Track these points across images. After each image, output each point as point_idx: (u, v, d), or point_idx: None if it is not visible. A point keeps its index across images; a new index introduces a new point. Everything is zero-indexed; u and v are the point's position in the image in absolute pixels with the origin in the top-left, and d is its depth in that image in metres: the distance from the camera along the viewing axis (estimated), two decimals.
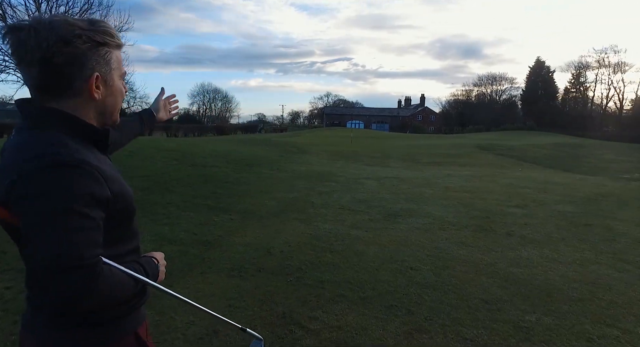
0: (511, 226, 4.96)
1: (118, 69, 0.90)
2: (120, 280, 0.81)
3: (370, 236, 4.40)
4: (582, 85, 46.26)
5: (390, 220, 5.10)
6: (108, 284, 0.77)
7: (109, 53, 0.87)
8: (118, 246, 0.89)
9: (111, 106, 0.91)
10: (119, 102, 0.93)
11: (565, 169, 12.98)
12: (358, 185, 7.70)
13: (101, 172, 0.80)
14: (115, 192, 0.83)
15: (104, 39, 0.85)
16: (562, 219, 5.36)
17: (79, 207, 0.74)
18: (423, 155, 14.80)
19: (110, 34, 0.87)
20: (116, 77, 0.90)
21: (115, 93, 0.91)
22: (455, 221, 5.10)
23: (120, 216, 0.87)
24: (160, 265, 0.99)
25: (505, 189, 7.66)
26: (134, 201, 0.92)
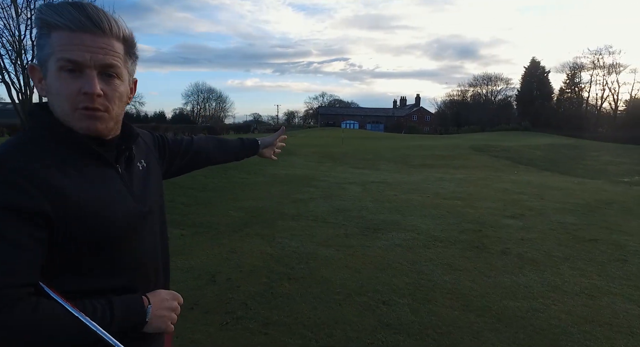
0: (506, 241, 4.33)
1: (54, 56, 0.66)
2: (51, 321, 0.60)
3: (341, 256, 3.74)
4: (577, 86, 45.99)
5: (369, 235, 4.45)
6: (20, 325, 0.57)
7: (44, 36, 0.67)
8: (93, 280, 0.69)
9: (55, 105, 0.68)
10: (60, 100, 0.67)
11: (562, 172, 12.42)
12: (340, 191, 7.05)
13: (32, 178, 0.61)
14: (66, 211, 0.64)
15: (37, 20, 0.68)
16: (563, 232, 4.74)
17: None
18: (415, 157, 14.19)
19: (39, 11, 0.67)
20: (52, 67, 0.67)
21: (50, 88, 0.68)
22: (443, 236, 4.46)
23: (84, 244, 0.67)
24: (156, 308, 0.73)
25: (500, 195, 7.04)
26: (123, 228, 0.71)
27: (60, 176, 0.65)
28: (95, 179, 0.71)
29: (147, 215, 0.79)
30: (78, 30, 0.66)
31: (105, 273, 0.71)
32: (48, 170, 0.64)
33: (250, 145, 1.24)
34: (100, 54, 0.68)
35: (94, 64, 0.67)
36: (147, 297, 0.74)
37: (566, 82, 46.38)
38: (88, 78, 0.67)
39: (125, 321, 0.69)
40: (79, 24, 0.66)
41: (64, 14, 0.66)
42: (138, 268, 0.76)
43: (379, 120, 63.73)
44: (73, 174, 0.68)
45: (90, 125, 0.69)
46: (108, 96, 0.70)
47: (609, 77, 43.05)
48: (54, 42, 0.67)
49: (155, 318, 0.73)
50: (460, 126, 49.80)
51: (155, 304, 0.74)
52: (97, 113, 0.69)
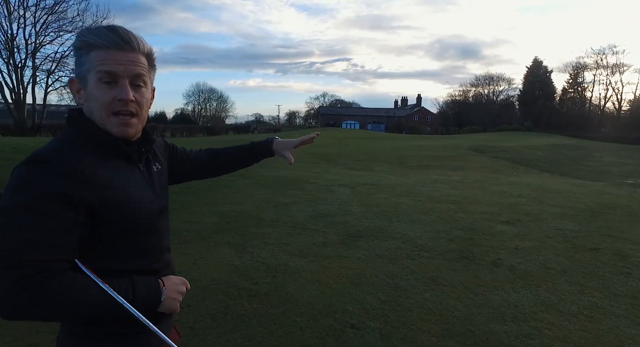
0: (498, 251, 3.96)
1: (93, 70, 0.79)
2: (86, 294, 0.72)
3: (313, 268, 3.39)
4: (579, 86, 45.43)
5: (349, 243, 4.10)
6: (60, 293, 0.69)
7: (83, 55, 0.81)
8: (119, 262, 0.81)
9: (94, 113, 0.81)
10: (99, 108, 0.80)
11: (562, 173, 12.01)
12: (327, 194, 6.69)
13: (80, 172, 0.74)
14: (104, 199, 0.76)
15: (78, 42, 0.82)
16: (561, 240, 4.37)
17: (33, 204, 0.69)
18: (412, 158, 13.81)
19: (81, 34, 0.82)
20: (91, 80, 0.80)
21: (90, 97, 0.81)
22: (430, 245, 4.10)
23: (115, 229, 0.79)
24: (169, 291, 0.83)
25: (496, 199, 6.67)
26: (149, 218, 0.85)
27: (101, 172, 0.77)
28: (126, 175, 0.83)
29: (163, 210, 0.91)
30: (113, 48, 0.79)
31: (131, 256, 0.82)
32: (92, 167, 0.76)
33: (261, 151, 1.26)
34: (131, 66, 0.81)
35: (127, 74, 0.80)
36: (162, 280, 0.84)
37: (569, 82, 45.84)
38: (122, 87, 0.80)
39: (144, 299, 0.79)
40: (113, 43, 0.79)
41: (101, 36, 0.79)
42: (156, 255, 0.88)
43: (380, 120, 63.33)
44: (110, 170, 0.80)
45: (122, 131, 0.82)
46: (138, 102, 0.83)
47: (613, 77, 42.48)
48: (93, 59, 0.79)
49: (168, 299, 0.83)
50: (461, 126, 49.33)
51: (169, 287, 0.84)
52: (130, 120, 0.82)
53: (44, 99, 21.24)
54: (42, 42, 20.10)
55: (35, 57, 20.10)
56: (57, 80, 21.11)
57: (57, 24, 20.04)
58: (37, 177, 0.71)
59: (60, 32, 20.33)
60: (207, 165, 1.20)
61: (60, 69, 20.93)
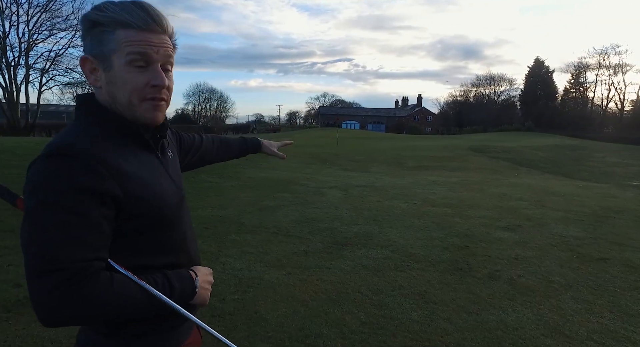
0: (497, 261, 3.62)
1: (121, 51, 0.72)
2: (125, 292, 0.67)
3: (291, 281, 3.05)
4: (581, 86, 45.03)
5: (334, 252, 3.76)
6: (101, 294, 0.65)
7: (105, 32, 0.72)
8: (146, 258, 0.76)
9: (117, 97, 0.74)
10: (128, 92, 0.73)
11: (565, 175, 11.66)
12: (317, 197, 6.35)
13: (104, 163, 0.68)
14: (129, 191, 0.71)
15: (94, 16, 0.72)
16: (565, 248, 4.02)
17: (63, 201, 0.64)
18: (410, 158, 13.46)
19: (98, 8, 0.73)
20: (118, 62, 0.72)
21: (116, 81, 0.73)
22: (421, 255, 3.75)
23: (144, 222, 0.74)
24: (201, 281, 0.80)
25: (496, 202, 6.32)
26: (173, 209, 0.79)
27: (124, 162, 0.72)
28: (148, 164, 0.78)
29: (183, 198, 0.86)
30: (145, 29, 0.73)
31: (157, 250, 0.78)
32: (115, 156, 0.71)
33: (252, 143, 1.31)
34: (162, 50, 0.75)
35: (160, 58, 0.75)
36: (193, 271, 0.81)
37: (571, 82, 45.44)
38: (156, 72, 0.74)
39: (181, 292, 0.76)
40: (146, 24, 0.73)
41: (133, 14, 0.72)
42: (183, 247, 0.83)
43: (381, 120, 62.95)
44: (132, 160, 0.74)
45: (155, 116, 0.77)
46: (169, 87, 0.78)
47: (615, 77, 42.08)
48: (121, 39, 0.71)
49: (201, 290, 0.80)
50: (462, 127, 48.93)
51: (201, 277, 0.81)
52: (162, 104, 0.77)
53: (37, 99, 20.99)
54: (35, 40, 19.83)
55: (28, 56, 19.82)
56: (52, 79, 20.83)
57: (51, 22, 19.75)
58: (60, 172, 0.65)
59: (54, 31, 20.06)
60: (212, 152, 1.19)
61: (55, 68, 20.66)
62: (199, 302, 0.80)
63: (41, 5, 19.19)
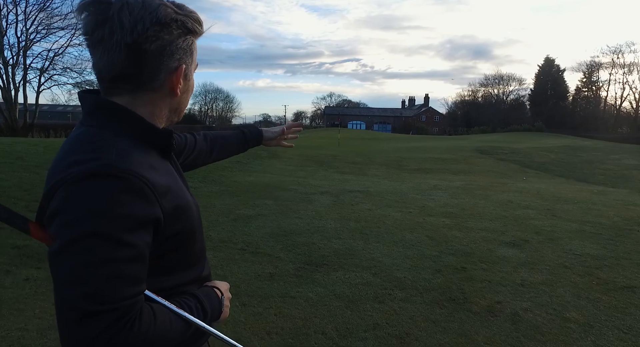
0: (498, 288, 3.01)
1: (194, 63, 0.76)
2: (166, 324, 0.63)
3: (242, 318, 2.48)
4: (594, 85, 43.77)
5: (304, 275, 3.18)
6: (147, 332, 0.60)
7: (194, 43, 0.73)
8: (176, 276, 0.72)
9: (185, 103, 0.78)
10: (185, 101, 0.78)
11: (578, 178, 10.91)
12: (303, 204, 5.79)
13: (152, 185, 0.64)
14: (169, 210, 0.66)
15: (193, 26, 0.71)
16: (581, 271, 3.39)
17: (113, 232, 0.59)
18: (413, 161, 12.82)
19: (199, 22, 0.73)
20: (192, 71, 0.76)
21: (190, 88, 0.77)
22: (408, 279, 3.16)
23: (179, 238, 0.70)
24: (225, 299, 0.78)
25: (501, 211, 5.69)
26: (198, 218, 0.76)
27: (157, 176, 0.66)
28: (171, 173, 0.73)
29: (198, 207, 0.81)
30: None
31: (185, 268, 0.74)
32: (150, 172, 0.65)
33: (254, 139, 1.21)
34: None
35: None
36: (217, 288, 0.78)
37: (583, 81, 44.24)
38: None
39: (212, 313, 0.73)
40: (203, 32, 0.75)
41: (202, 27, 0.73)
42: (203, 257, 0.80)
43: (387, 120, 62.19)
44: (160, 171, 0.69)
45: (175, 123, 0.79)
46: None
47: (630, 75, 40.85)
48: (194, 49, 0.74)
49: (225, 308, 0.77)
50: (470, 127, 47.94)
51: (225, 295, 0.78)
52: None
53: (36, 99, 20.76)
54: (33, 39, 19.60)
55: (26, 55, 19.61)
56: (50, 79, 20.61)
57: (49, 21, 19.51)
58: (107, 196, 0.59)
59: (53, 30, 19.82)
60: (207, 153, 1.10)
61: (53, 68, 20.43)
62: (222, 320, 0.78)
63: (39, 3, 18.97)
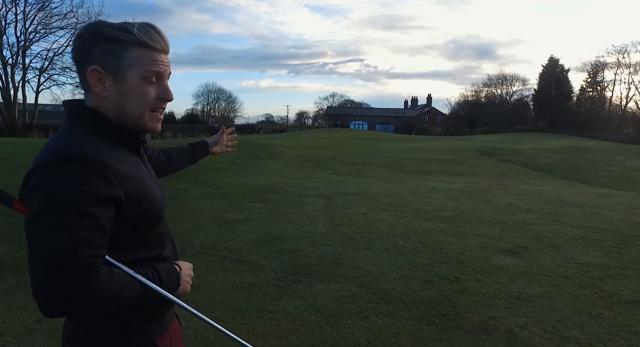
0: (493, 301, 2.79)
1: (137, 67, 0.82)
2: (122, 284, 0.76)
3: (210, 334, 2.28)
4: (599, 85, 43.26)
5: (286, 286, 2.98)
6: (104, 287, 0.72)
7: (122, 48, 0.81)
8: (138, 251, 0.85)
9: (127, 107, 0.84)
10: (139, 104, 0.84)
11: (582, 180, 10.64)
12: (294, 207, 5.59)
13: (113, 170, 0.77)
14: (130, 193, 0.79)
15: (112, 33, 0.81)
16: (584, 283, 3.17)
17: (77, 205, 0.72)
18: (412, 161, 12.59)
19: (123, 29, 0.82)
20: (132, 75, 0.83)
21: (129, 93, 0.83)
22: (396, 291, 2.95)
23: (140, 220, 0.83)
24: (184, 275, 0.90)
25: (500, 215, 5.46)
26: (160, 206, 0.89)
27: (125, 167, 0.80)
28: (140, 167, 0.87)
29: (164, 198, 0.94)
30: (159, 50, 0.84)
31: (148, 245, 0.87)
32: (118, 162, 0.79)
33: (202, 149, 1.38)
34: (168, 69, 0.87)
35: (167, 76, 0.87)
36: (177, 265, 0.90)
37: (587, 81, 43.74)
38: (166, 88, 0.86)
39: (168, 283, 0.83)
40: (161, 46, 0.85)
41: (152, 37, 0.83)
42: (165, 242, 0.92)
43: (389, 121, 61.88)
44: (129, 164, 0.83)
45: (156, 127, 0.88)
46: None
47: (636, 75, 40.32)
48: (136, 56, 0.82)
49: (183, 283, 0.88)
50: (473, 127, 47.53)
51: (184, 271, 0.90)
52: (162, 116, 0.89)
53: (35, 98, 20.70)
54: (32, 39, 19.54)
55: (25, 55, 19.55)
56: (49, 79, 20.53)
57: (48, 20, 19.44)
58: (74, 177, 0.73)
59: (52, 29, 19.74)
60: (166, 163, 1.23)
61: (52, 68, 20.36)
62: (181, 293, 0.87)
63: (38, 3, 18.90)
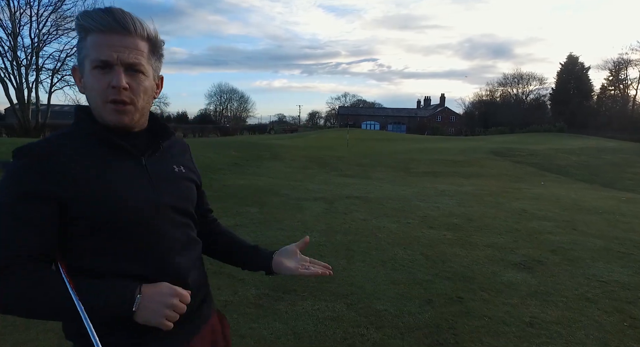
0: (500, 328, 2.41)
1: (89, 57, 0.75)
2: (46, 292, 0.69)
3: None
4: (622, 83, 41.60)
5: (266, 305, 2.66)
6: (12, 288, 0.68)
7: (82, 40, 0.77)
8: (95, 261, 0.75)
9: (90, 101, 0.78)
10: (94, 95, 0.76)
11: (603, 184, 10.02)
12: (291, 212, 5.27)
13: (57, 167, 0.72)
14: (77, 194, 0.73)
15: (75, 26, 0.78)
16: (609, 307, 2.75)
17: (9, 202, 0.71)
18: (422, 163, 12.14)
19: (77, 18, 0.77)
20: (87, 67, 0.76)
21: (87, 85, 0.77)
22: (390, 312, 2.60)
23: (92, 224, 0.74)
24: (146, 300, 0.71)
25: (512, 222, 5.03)
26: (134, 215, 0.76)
27: (75, 165, 0.74)
28: (112, 168, 0.77)
29: (166, 207, 0.81)
30: (108, 31, 0.74)
31: (115, 257, 0.75)
32: (66, 159, 0.73)
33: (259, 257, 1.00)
34: (125, 52, 0.75)
35: (121, 61, 0.75)
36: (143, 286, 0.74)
37: (609, 79, 42.10)
38: (115, 74, 0.75)
39: (111, 304, 0.70)
40: (108, 26, 0.74)
41: (96, 19, 0.74)
42: (152, 259, 0.78)
43: (401, 121, 61.08)
44: (90, 163, 0.75)
45: (118, 119, 0.77)
46: (133, 89, 0.77)
47: None
48: (89, 45, 0.75)
49: (144, 309, 0.72)
50: (487, 127, 46.39)
51: (148, 295, 0.72)
52: (124, 107, 0.77)
53: (48, 99, 20.97)
54: (45, 40, 19.79)
55: (38, 56, 19.81)
56: (61, 80, 20.78)
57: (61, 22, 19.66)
58: (13, 175, 0.72)
59: (65, 30, 19.95)
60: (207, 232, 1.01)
61: (65, 68, 20.57)
62: (144, 321, 0.72)
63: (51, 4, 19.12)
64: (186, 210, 0.86)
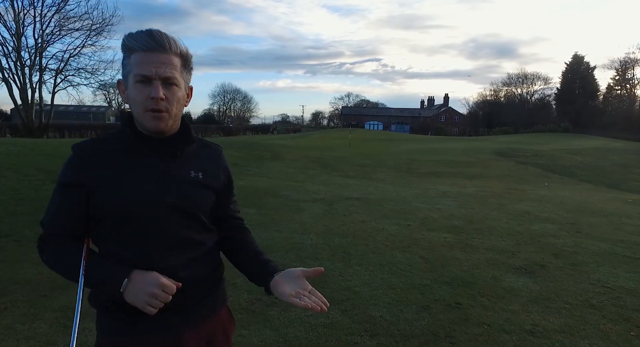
0: (499, 337, 2.32)
1: (132, 73, 0.89)
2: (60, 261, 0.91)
3: None
4: (628, 83, 41.18)
5: (257, 311, 2.58)
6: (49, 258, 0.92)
7: (126, 58, 0.90)
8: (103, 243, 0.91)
9: (133, 110, 0.91)
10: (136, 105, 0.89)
11: (609, 185, 9.86)
12: (290, 213, 5.20)
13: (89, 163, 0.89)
14: (98, 188, 0.88)
15: (122, 47, 0.91)
16: (615, 314, 2.65)
17: (58, 186, 0.92)
18: (424, 163, 12.02)
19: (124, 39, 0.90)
20: (131, 81, 0.89)
21: (131, 97, 0.90)
22: (386, 319, 2.51)
23: (109, 215, 0.89)
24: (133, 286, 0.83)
25: (515, 225, 4.92)
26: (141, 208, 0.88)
27: (105, 163, 0.90)
28: (129, 168, 0.90)
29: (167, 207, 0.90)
30: (148, 50, 0.88)
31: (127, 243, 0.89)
32: (100, 157, 0.90)
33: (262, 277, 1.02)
34: (162, 68, 0.88)
35: (158, 76, 0.88)
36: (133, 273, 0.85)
37: (616, 79, 41.73)
38: (154, 87, 0.88)
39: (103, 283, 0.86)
40: (148, 46, 0.88)
41: (139, 40, 0.88)
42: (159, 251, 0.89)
43: (405, 121, 60.86)
44: (115, 163, 0.90)
45: (156, 125, 0.90)
46: (169, 99, 0.89)
47: None
48: (132, 62, 0.89)
49: (129, 292, 0.84)
50: (491, 127, 46.07)
51: (135, 282, 0.84)
52: (160, 114, 0.89)
53: (51, 99, 21.04)
54: (49, 40, 19.85)
55: (42, 57, 19.88)
56: (65, 80, 20.84)
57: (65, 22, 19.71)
58: (64, 165, 0.91)
59: (69, 31, 20.01)
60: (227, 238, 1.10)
61: (68, 69, 20.64)
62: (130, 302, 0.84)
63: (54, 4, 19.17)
64: (190, 212, 0.94)
